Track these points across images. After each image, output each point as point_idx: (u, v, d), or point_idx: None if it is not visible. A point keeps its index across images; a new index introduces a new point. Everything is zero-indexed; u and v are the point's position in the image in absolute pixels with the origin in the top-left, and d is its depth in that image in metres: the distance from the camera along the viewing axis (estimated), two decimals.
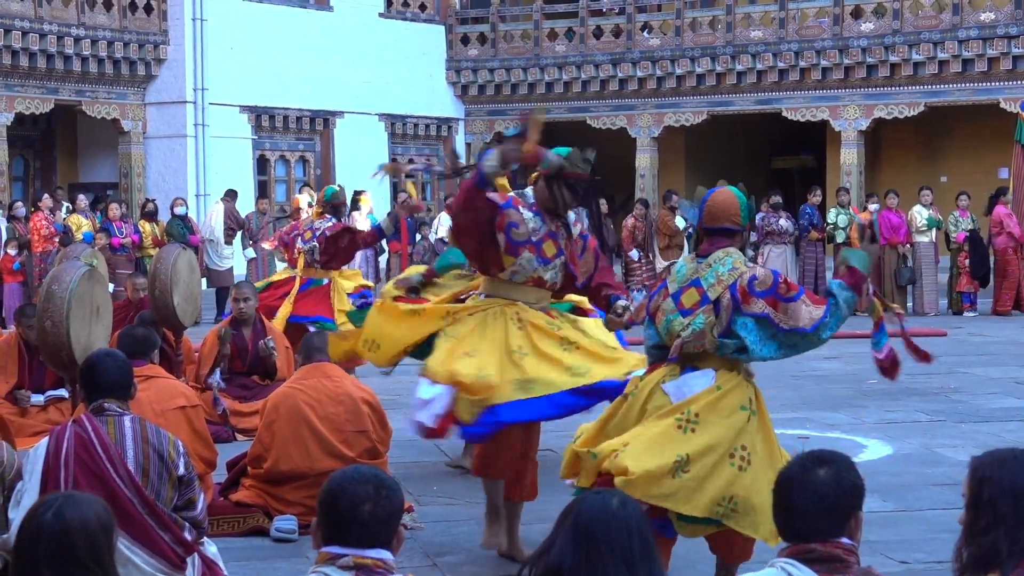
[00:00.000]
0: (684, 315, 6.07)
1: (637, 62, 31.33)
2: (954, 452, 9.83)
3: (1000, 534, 3.64)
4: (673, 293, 6.16)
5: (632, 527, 3.35)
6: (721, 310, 5.99)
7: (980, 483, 3.74)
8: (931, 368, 14.45)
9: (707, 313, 6.03)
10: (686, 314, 6.07)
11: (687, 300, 6.10)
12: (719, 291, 6.02)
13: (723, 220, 6.22)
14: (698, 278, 6.10)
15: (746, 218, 6.35)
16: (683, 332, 6.03)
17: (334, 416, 7.70)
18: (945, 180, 30.10)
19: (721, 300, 6.00)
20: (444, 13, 33.23)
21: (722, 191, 6.38)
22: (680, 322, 6.07)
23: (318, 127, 30.70)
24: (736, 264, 6.07)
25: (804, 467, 3.72)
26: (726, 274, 6.04)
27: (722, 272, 6.05)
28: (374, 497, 3.72)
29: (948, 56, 28.12)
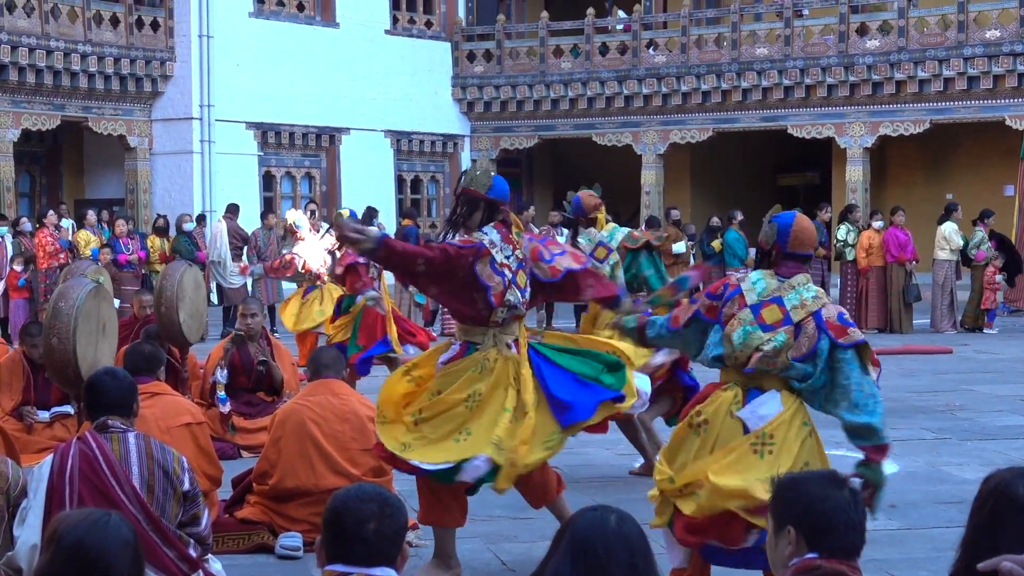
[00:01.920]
0: (764, 330, 6.08)
1: (643, 79, 31.37)
2: (960, 470, 9.81)
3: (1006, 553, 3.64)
4: (752, 305, 6.16)
5: (634, 544, 3.35)
6: (802, 335, 6.04)
7: (989, 500, 3.74)
8: (937, 386, 14.53)
9: (788, 333, 6.06)
10: (766, 329, 6.08)
11: (768, 316, 6.12)
12: (802, 315, 6.07)
13: (808, 247, 6.32)
14: (780, 296, 6.13)
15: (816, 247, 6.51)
16: (764, 347, 6.04)
17: (340, 434, 7.70)
18: (951, 197, 30.03)
19: (804, 325, 6.05)
20: (450, 30, 33.28)
21: (804, 218, 6.44)
22: (760, 336, 6.08)
23: (324, 143, 30.74)
24: (819, 293, 6.18)
25: (837, 483, 3.76)
26: (811, 300, 6.11)
27: (807, 297, 6.12)
28: (379, 515, 3.72)
29: (953, 73, 28.14)
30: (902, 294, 21.44)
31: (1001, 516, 3.69)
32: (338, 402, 7.77)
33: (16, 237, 21.31)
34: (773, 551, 3.82)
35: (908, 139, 29.92)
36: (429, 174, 33.30)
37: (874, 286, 21.68)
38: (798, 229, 6.29)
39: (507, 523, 8.02)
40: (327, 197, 30.13)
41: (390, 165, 31.99)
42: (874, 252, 21.64)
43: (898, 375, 15.83)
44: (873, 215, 23.00)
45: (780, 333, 6.05)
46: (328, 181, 30.80)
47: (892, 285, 21.50)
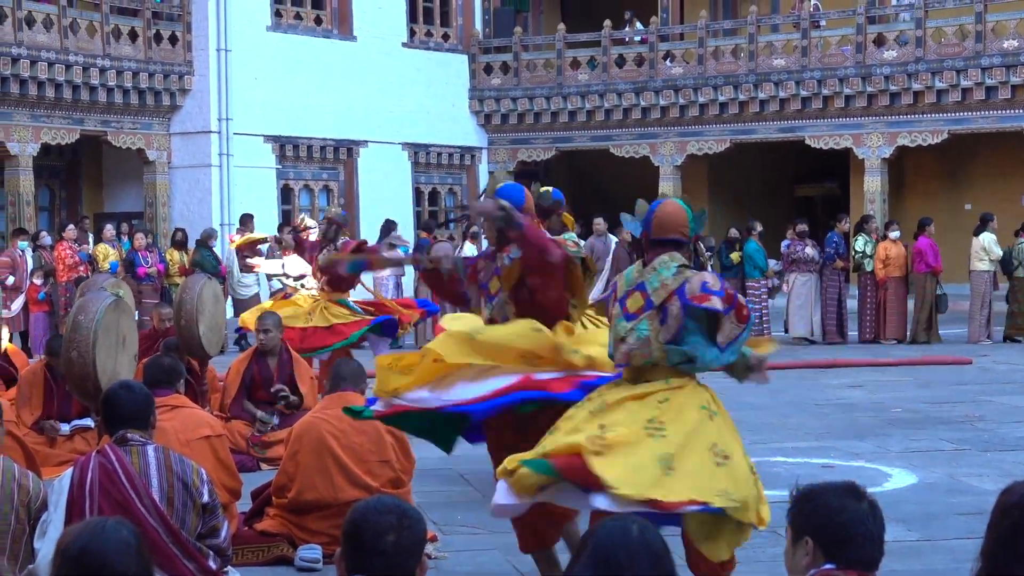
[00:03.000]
0: (628, 319, 6.05)
1: (660, 91, 31.38)
2: (979, 481, 9.79)
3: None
4: (620, 297, 6.15)
5: (656, 554, 3.35)
6: (669, 317, 5.95)
7: (1011, 512, 3.74)
8: (956, 397, 14.50)
9: (651, 319, 6.00)
10: (630, 319, 6.05)
11: (632, 304, 6.07)
12: (663, 296, 5.98)
13: (671, 231, 6.18)
14: (643, 282, 6.09)
15: (693, 230, 6.32)
16: (628, 338, 6.03)
17: (358, 446, 7.72)
18: (969, 208, 30.02)
19: (669, 307, 5.96)
20: (467, 42, 33.33)
21: (670, 203, 6.35)
22: (624, 326, 6.06)
23: (342, 156, 30.79)
24: (682, 269, 6.03)
25: (856, 495, 3.77)
26: (670, 279, 5.99)
27: (666, 276, 6.01)
28: (397, 527, 3.71)
29: (971, 83, 28.10)
30: (936, 304, 21.31)
31: (1022, 528, 3.69)
32: None
33: (36, 250, 21.40)
34: (791, 560, 3.83)
35: (926, 149, 29.87)
36: (447, 186, 33.34)
37: (893, 297, 21.60)
38: (661, 214, 6.22)
39: None
40: (345, 210, 30.17)
41: (408, 177, 32.04)
42: (891, 263, 21.55)
43: (916, 386, 15.81)
44: (889, 226, 22.89)
45: (643, 321, 5.99)
46: (346, 194, 30.85)
47: (922, 296, 21.34)
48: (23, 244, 21.17)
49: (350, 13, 30.82)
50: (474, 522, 8.70)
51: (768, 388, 15.38)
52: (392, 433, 7.82)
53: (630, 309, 6.05)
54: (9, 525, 5.90)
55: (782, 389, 15.47)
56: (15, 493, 5.94)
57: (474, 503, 9.35)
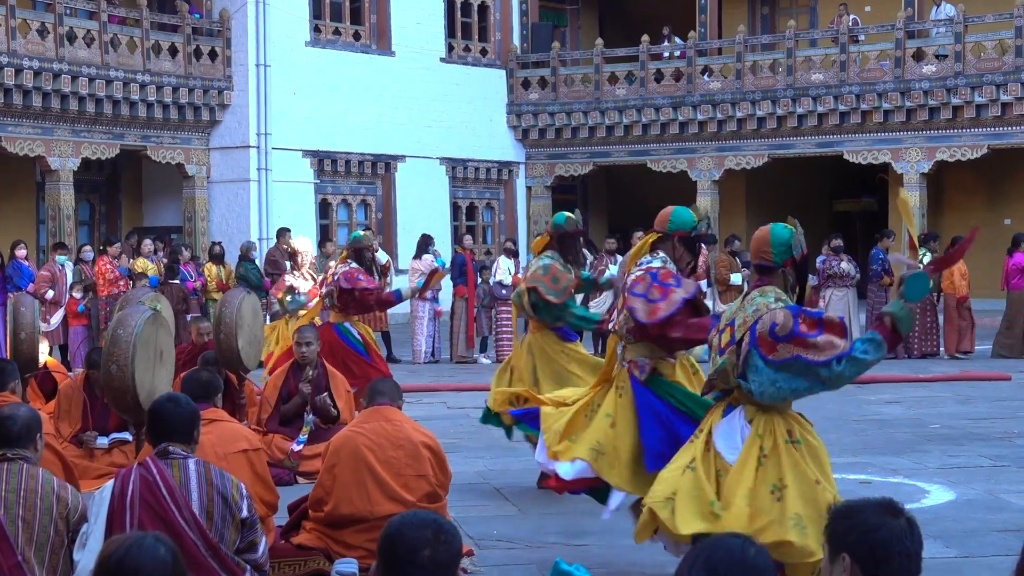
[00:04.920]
0: (720, 355, 6.13)
1: (697, 105, 31.36)
2: (1018, 498, 9.73)
3: None
4: (720, 331, 6.23)
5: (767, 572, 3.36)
6: (741, 352, 6.03)
7: None
8: (995, 413, 14.43)
9: (731, 353, 6.06)
10: (721, 354, 6.13)
11: (724, 339, 6.15)
12: (743, 332, 6.05)
13: (755, 256, 6.29)
14: (734, 318, 6.15)
15: (781, 254, 6.33)
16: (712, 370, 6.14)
17: (394, 460, 7.73)
18: (1009, 223, 29.87)
19: (744, 341, 6.03)
20: (505, 58, 33.40)
21: (763, 227, 6.41)
22: (716, 361, 6.15)
23: (380, 171, 30.88)
24: (761, 305, 6.06)
25: (894, 512, 3.76)
26: (750, 315, 6.05)
27: (749, 313, 6.07)
28: (433, 542, 3.72)
29: (1011, 98, 27.97)
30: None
31: None
32: (392, 428, 7.80)
33: (77, 264, 21.54)
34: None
35: (965, 164, 29.74)
36: (484, 201, 33.38)
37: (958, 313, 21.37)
38: (752, 239, 6.43)
39: (561, 549, 8.02)
40: (382, 224, 30.28)
41: (445, 192, 32.10)
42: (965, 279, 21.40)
43: (955, 402, 15.73)
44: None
45: (727, 355, 6.10)
46: (384, 208, 30.94)
47: (1020, 311, 21.14)
48: (62, 258, 21.29)
49: (389, 28, 30.93)
50: (510, 537, 8.71)
51: (805, 404, 15.36)
52: (429, 447, 7.83)
53: (722, 344, 6.19)
54: (48, 537, 5.94)
55: (819, 405, 15.36)
56: (54, 505, 5.98)
57: (511, 518, 9.35)
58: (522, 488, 10.15)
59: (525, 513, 9.44)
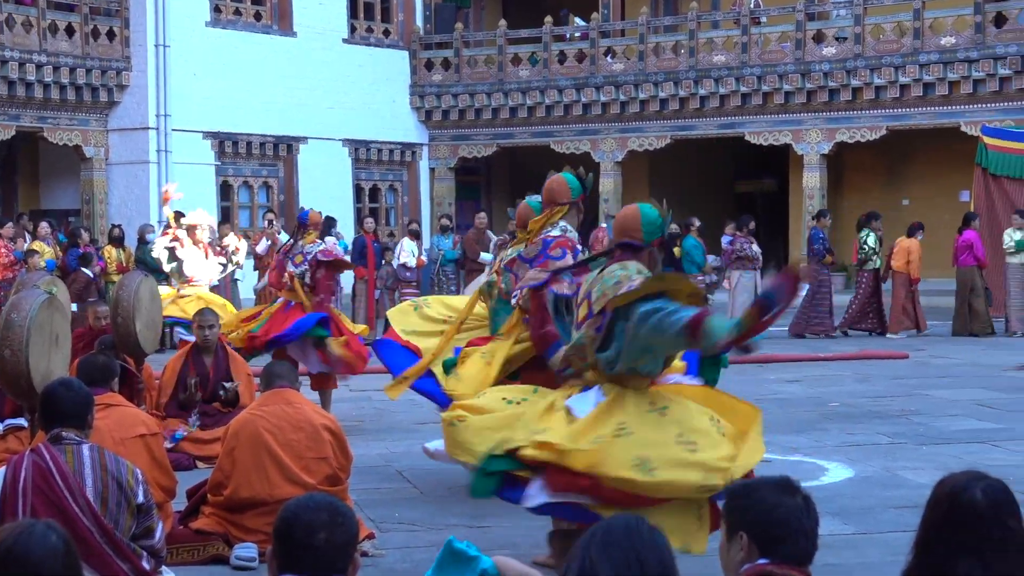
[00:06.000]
0: (577, 329, 6.12)
1: (601, 87, 31.44)
2: (915, 475, 9.85)
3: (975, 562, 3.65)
4: (577, 304, 6.24)
5: (663, 553, 3.35)
6: (603, 325, 5.98)
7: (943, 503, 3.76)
8: (893, 391, 14.61)
9: (589, 327, 6.03)
10: (578, 328, 6.12)
11: (581, 313, 6.14)
12: (600, 305, 6.00)
13: (621, 235, 6.25)
14: (591, 291, 6.12)
15: (651, 234, 6.31)
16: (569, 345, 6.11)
17: (295, 443, 7.67)
18: (907, 203, 30.30)
19: (605, 314, 5.98)
20: (408, 39, 33.27)
21: (629, 206, 6.42)
22: (574, 335, 6.15)
23: (281, 153, 30.66)
24: (622, 277, 6.03)
25: (790, 491, 3.78)
26: (610, 287, 6.02)
27: (609, 285, 6.04)
28: (329, 525, 3.69)
29: (909, 80, 28.32)
30: (984, 297, 21.42)
31: (956, 519, 3.71)
32: (292, 411, 7.73)
33: None
34: (725, 556, 3.83)
35: (865, 145, 30.10)
36: (387, 183, 33.27)
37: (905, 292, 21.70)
38: (617, 217, 6.43)
39: (463, 531, 8.00)
40: (284, 207, 30.06)
41: (348, 174, 31.95)
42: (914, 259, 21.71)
43: (854, 380, 15.91)
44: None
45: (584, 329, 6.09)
46: (286, 191, 30.73)
47: (969, 289, 21.40)
48: None
49: (290, 9, 30.70)
50: (412, 519, 8.68)
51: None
52: (329, 430, 7.78)
53: (579, 317, 6.12)
54: None
55: (720, 384, 15.53)
56: None
57: (412, 500, 9.33)
58: (424, 470, 10.12)
59: (427, 495, 9.42)
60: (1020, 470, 9.91)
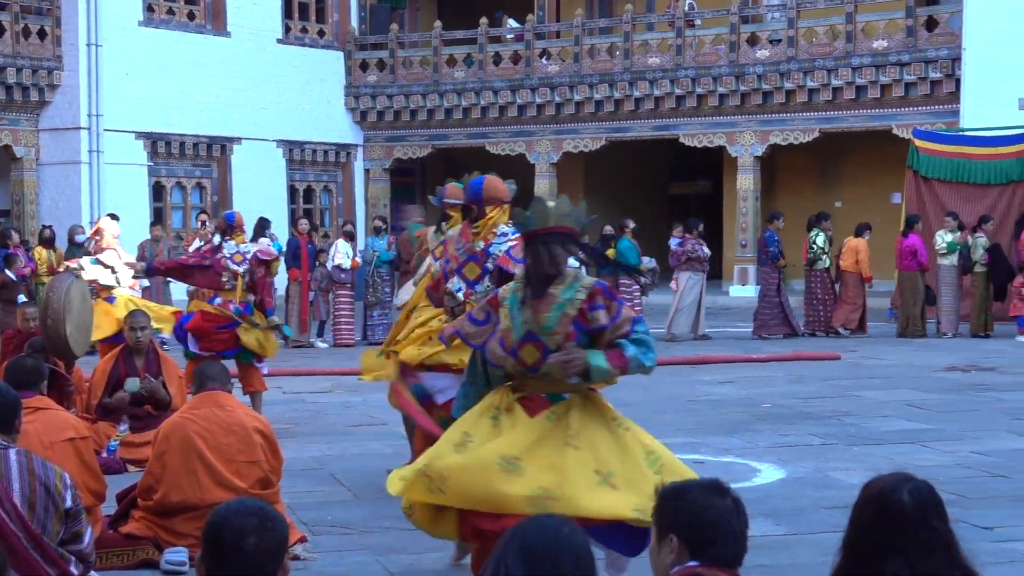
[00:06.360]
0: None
1: (536, 88, 31.48)
2: (846, 475, 9.91)
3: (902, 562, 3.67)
4: None
5: (580, 555, 3.34)
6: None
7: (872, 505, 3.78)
8: (825, 392, 14.72)
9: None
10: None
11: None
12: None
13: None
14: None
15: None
16: None
17: (226, 446, 7.61)
18: (839, 205, 30.52)
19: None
20: (343, 39, 33.18)
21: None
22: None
23: (215, 153, 30.49)
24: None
25: (720, 492, 3.77)
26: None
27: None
28: (258, 529, 3.66)
29: (842, 83, 28.54)
30: (925, 299, 21.61)
31: (884, 521, 3.73)
32: (223, 414, 7.68)
33: None
34: (656, 558, 3.83)
35: (798, 148, 30.30)
36: (322, 184, 33.16)
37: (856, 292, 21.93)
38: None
39: (397, 534, 7.98)
40: (218, 207, 29.85)
41: (282, 175, 31.82)
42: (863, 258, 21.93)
43: (787, 381, 16.01)
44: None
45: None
46: (219, 191, 30.56)
47: (914, 292, 21.55)
48: None
49: (224, 9, 30.55)
50: (345, 522, 8.64)
51: (641, 384, 15.52)
52: (261, 433, 7.74)
53: None
54: None
55: (653, 385, 15.58)
56: None
57: (345, 503, 9.29)
58: (357, 473, 10.09)
59: (360, 498, 9.38)
60: (949, 470, 10.01)
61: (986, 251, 21.37)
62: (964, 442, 11.41)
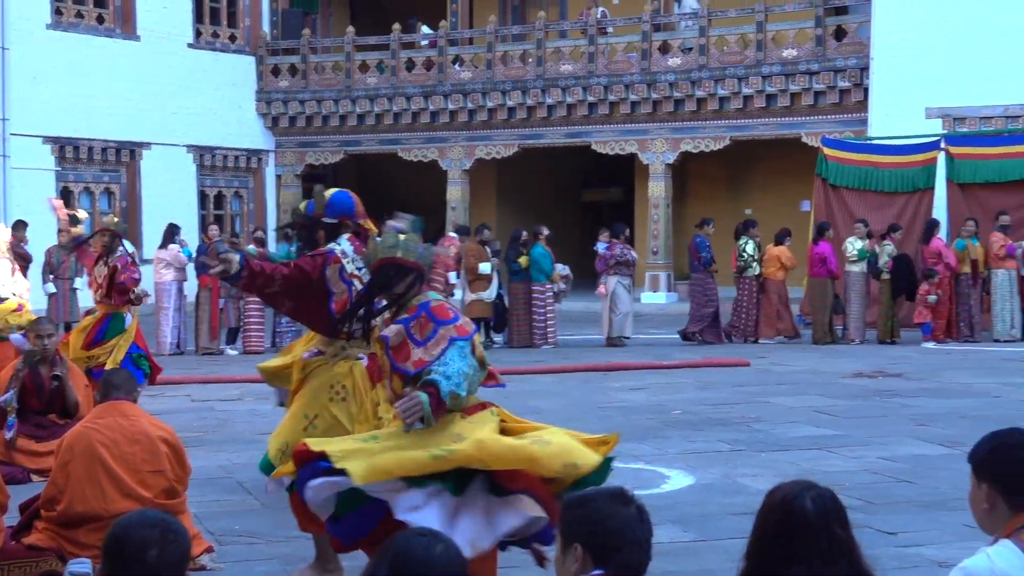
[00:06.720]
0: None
1: (448, 95, 31.47)
2: (754, 481, 9.98)
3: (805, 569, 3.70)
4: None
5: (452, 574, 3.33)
6: None
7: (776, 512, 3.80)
8: (734, 398, 14.82)
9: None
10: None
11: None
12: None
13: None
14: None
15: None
16: None
17: (130, 456, 7.53)
18: (749, 213, 30.75)
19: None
20: (254, 44, 32.99)
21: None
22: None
23: (124, 159, 30.20)
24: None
25: (623, 501, 3.78)
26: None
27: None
28: (160, 541, 3.64)
29: (752, 91, 28.78)
30: (835, 306, 21.78)
31: (788, 528, 3.76)
32: (128, 423, 7.59)
33: None
34: (561, 568, 3.84)
35: (709, 155, 30.51)
36: (233, 189, 32.94)
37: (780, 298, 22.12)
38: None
39: (304, 543, 7.93)
40: (127, 213, 29.59)
41: (193, 180, 31.58)
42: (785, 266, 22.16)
43: (696, 388, 16.09)
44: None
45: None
46: (128, 197, 30.27)
47: (824, 299, 21.71)
48: None
49: (134, 12, 30.29)
50: (252, 531, 8.58)
51: (551, 391, 15.57)
52: (166, 442, 7.66)
53: None
54: None
55: (564, 392, 15.65)
56: None
57: (253, 512, 9.22)
58: (265, 482, 10.01)
59: (268, 507, 9.31)
60: (855, 476, 10.12)
61: (891, 259, 21.64)
62: (870, 448, 11.53)
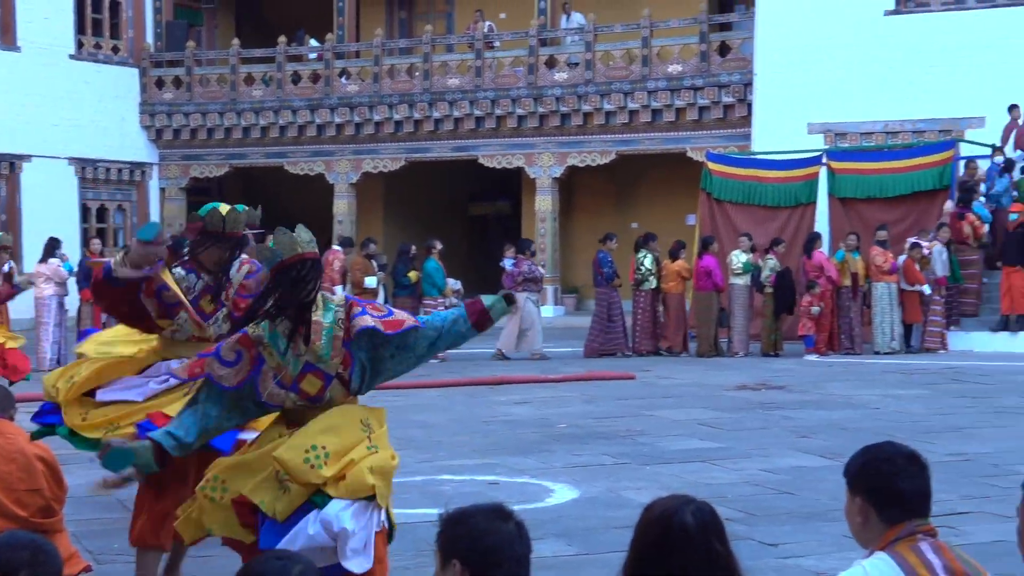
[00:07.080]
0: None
1: (335, 108, 31.36)
2: (638, 494, 10.02)
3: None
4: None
5: None
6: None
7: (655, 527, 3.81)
8: (619, 411, 14.88)
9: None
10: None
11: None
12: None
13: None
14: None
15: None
16: None
17: (6, 475, 7.38)
18: (636, 226, 30.95)
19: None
20: (138, 56, 32.64)
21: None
22: None
23: (3, 171, 29.73)
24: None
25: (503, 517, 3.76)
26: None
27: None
28: (31, 563, 3.57)
29: (638, 106, 29.00)
30: (719, 319, 21.97)
31: (667, 543, 3.76)
32: (3, 441, 7.43)
33: None
34: None
35: (595, 169, 30.69)
36: (116, 203, 32.54)
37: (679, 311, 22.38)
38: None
39: (184, 562, 7.84)
40: (6, 227, 29.09)
41: (74, 194, 31.15)
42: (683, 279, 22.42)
43: (581, 401, 16.15)
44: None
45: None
46: (8, 210, 29.78)
47: (708, 312, 21.87)
48: None
49: (13, 22, 29.83)
50: (130, 551, 8.44)
51: (437, 406, 15.54)
52: (43, 460, 7.51)
53: None
54: None
55: (450, 407, 15.62)
56: None
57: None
58: None
59: None
60: (736, 488, 10.20)
61: (773, 273, 21.90)
62: (752, 460, 11.64)
